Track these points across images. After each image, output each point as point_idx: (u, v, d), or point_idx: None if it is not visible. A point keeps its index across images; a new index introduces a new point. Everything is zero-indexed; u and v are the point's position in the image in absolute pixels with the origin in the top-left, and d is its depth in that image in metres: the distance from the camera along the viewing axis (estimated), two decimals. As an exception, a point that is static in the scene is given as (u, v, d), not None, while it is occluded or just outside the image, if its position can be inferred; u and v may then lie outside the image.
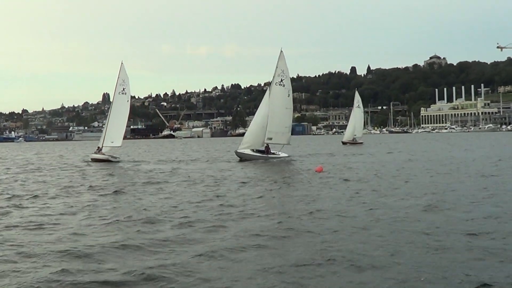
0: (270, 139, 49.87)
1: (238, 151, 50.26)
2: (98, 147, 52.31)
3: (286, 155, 50.63)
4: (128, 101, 52.93)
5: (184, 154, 70.69)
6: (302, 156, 55.14)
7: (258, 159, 47.90)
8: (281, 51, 52.06)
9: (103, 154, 50.45)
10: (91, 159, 52.67)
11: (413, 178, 28.06)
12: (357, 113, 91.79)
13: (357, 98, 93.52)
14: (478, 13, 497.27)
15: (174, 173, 35.48)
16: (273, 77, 51.57)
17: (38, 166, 49.00)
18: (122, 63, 53.09)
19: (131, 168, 42.66)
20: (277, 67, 51.62)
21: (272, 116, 49.85)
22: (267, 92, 52.19)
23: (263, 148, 49.70)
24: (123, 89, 51.98)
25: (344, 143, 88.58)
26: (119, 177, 33.85)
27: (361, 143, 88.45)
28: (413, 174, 30.49)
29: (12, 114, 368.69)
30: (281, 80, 51.08)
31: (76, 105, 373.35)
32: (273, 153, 49.68)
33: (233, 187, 25.50)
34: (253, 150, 49.43)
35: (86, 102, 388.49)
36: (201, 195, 22.62)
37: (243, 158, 48.76)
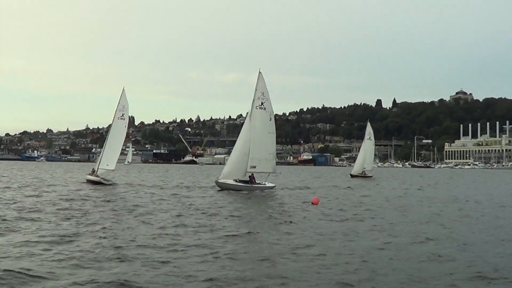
0: (254, 167, 46.42)
1: (218, 181, 46.20)
2: (93, 169, 53.23)
3: (273, 185, 47.58)
4: (125, 126, 54.18)
5: (194, 180, 69.60)
6: (299, 188, 52.32)
7: (241, 189, 43.62)
8: (260, 72, 48.41)
9: (97, 176, 50.95)
10: (86, 180, 53.57)
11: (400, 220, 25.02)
12: (368, 145, 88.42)
13: (369, 130, 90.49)
14: (506, 49, 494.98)
15: (153, 201, 33.56)
16: (253, 100, 47.34)
17: (25, 184, 50.20)
18: (123, 89, 54.59)
19: (115, 192, 41.88)
20: (256, 89, 47.79)
21: (254, 143, 46.24)
22: (247, 117, 47.94)
23: (246, 178, 45.53)
24: (122, 114, 53.28)
25: (352, 176, 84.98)
26: (89, 200, 32.90)
27: (371, 176, 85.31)
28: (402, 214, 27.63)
29: (36, 133, 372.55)
30: (262, 103, 47.21)
31: (100, 127, 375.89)
32: (259, 183, 45.93)
33: (190, 221, 22.73)
34: (236, 180, 45.12)
35: (110, 125, 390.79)
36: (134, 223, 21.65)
37: (224, 188, 44.70)
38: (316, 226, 21.62)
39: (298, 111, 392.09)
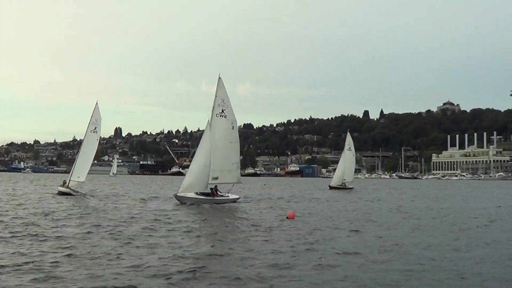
0: (216, 178, 43.89)
1: (178, 194, 42.83)
2: (64, 181, 54.21)
3: (237, 196, 45.67)
4: (97, 139, 54.94)
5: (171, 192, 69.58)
6: (268, 199, 50.79)
7: (202, 202, 41.35)
8: (219, 77, 45.34)
9: (67, 187, 51.79)
10: (58, 191, 53.69)
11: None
12: (348, 156, 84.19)
13: (348, 140, 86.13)
14: (493, 61, 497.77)
15: (108, 211, 34.27)
16: (213, 107, 44.58)
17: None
18: (97, 103, 55.03)
19: (76, 203, 42.00)
20: (216, 96, 44.96)
21: (215, 153, 43.60)
22: (207, 125, 44.60)
23: (208, 190, 43.15)
24: (95, 127, 53.79)
25: (331, 187, 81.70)
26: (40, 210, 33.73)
27: (351, 188, 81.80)
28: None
29: (24, 144, 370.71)
30: (222, 111, 44.62)
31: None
32: (221, 195, 43.80)
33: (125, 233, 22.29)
34: (197, 193, 42.38)
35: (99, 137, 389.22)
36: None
37: (183, 202, 41.67)
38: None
39: (285, 122, 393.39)
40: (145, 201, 45.98)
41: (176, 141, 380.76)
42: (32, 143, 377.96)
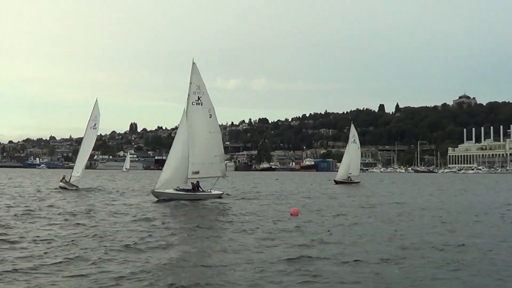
0: (197, 172, 40.85)
1: (155, 190, 39.76)
2: (63, 176, 55.96)
3: (220, 192, 43.02)
4: (96, 135, 56.63)
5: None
6: (263, 196, 46.94)
7: (182, 199, 38.47)
8: (194, 63, 41.79)
9: (66, 182, 53.40)
10: (59, 186, 55.12)
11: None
12: (352, 148, 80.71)
13: (353, 133, 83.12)
14: (509, 53, 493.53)
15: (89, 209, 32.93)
16: (188, 95, 41.53)
17: None
18: (96, 100, 55.60)
19: (67, 196, 43.79)
20: (191, 83, 41.65)
21: (194, 144, 40.74)
22: (183, 115, 41.01)
23: (188, 186, 40.66)
24: (95, 124, 54.68)
25: (337, 182, 78.78)
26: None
27: (358, 182, 79.40)
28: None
29: (39, 140, 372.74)
30: (198, 98, 41.51)
31: (103, 134, 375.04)
32: (203, 191, 41.00)
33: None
34: (176, 189, 39.62)
35: (113, 132, 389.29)
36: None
37: (161, 198, 38.74)
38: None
39: (300, 116, 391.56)
40: (122, 195, 46.33)
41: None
42: (48, 139, 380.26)
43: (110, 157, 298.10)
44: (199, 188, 40.88)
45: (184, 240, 19.36)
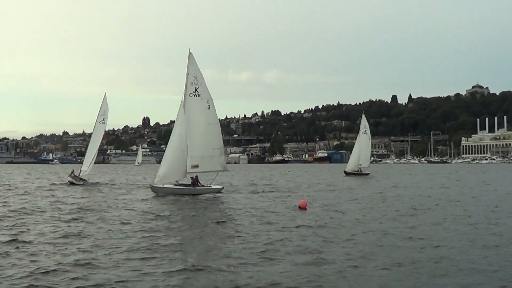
0: (196, 166, 39.78)
1: (154, 185, 38.78)
2: (72, 170, 55.81)
3: (220, 187, 41.34)
4: (104, 130, 56.81)
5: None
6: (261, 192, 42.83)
7: (181, 194, 37.45)
8: (190, 53, 40.60)
9: (74, 176, 53.47)
10: (68, 181, 55.06)
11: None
12: (363, 139, 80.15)
13: (364, 123, 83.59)
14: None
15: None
16: (185, 87, 40.29)
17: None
18: (105, 94, 55.87)
19: (70, 190, 44.57)
20: (188, 73, 40.42)
21: (192, 137, 39.41)
22: (180, 107, 39.69)
23: (187, 181, 39.51)
24: (103, 119, 55.09)
25: (347, 173, 78.09)
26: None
27: (368, 174, 78.75)
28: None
29: (53, 136, 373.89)
30: (196, 89, 40.26)
31: (116, 129, 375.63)
32: (202, 186, 39.82)
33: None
34: (176, 183, 38.65)
35: (126, 126, 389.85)
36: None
37: (160, 193, 37.83)
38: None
39: (313, 108, 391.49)
40: (122, 189, 46.32)
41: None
42: (61, 134, 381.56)
43: (123, 151, 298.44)
44: (199, 183, 39.80)
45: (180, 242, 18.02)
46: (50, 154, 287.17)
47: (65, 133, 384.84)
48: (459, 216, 25.10)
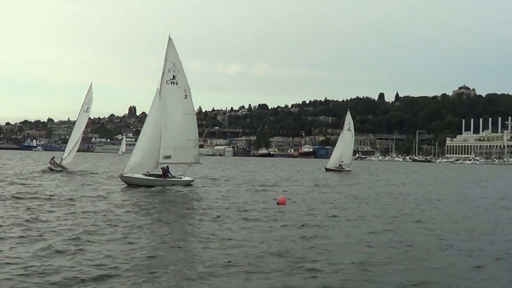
0: (168, 157, 38.37)
1: (124, 175, 37.08)
2: (52, 157, 56.95)
3: (191, 179, 39.96)
4: (87, 119, 57.64)
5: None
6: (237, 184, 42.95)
7: (152, 185, 35.67)
8: (170, 38, 38.66)
9: (53, 163, 54.51)
10: (47, 168, 55.62)
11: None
12: (347, 136, 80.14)
13: (348, 120, 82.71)
14: (509, 46, 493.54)
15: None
16: (162, 73, 38.60)
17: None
18: (91, 84, 56.29)
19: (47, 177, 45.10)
20: (166, 60, 38.65)
21: (167, 127, 37.85)
22: (156, 94, 38.10)
23: (158, 171, 37.79)
24: (87, 108, 55.45)
25: (327, 169, 77.32)
26: None
27: (349, 171, 77.22)
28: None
29: (37, 122, 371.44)
30: (173, 77, 38.62)
31: (102, 117, 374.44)
32: (173, 177, 38.23)
33: None
34: (146, 174, 36.91)
35: (112, 115, 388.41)
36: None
37: (130, 184, 36.36)
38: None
39: (300, 103, 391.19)
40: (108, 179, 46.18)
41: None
42: (46, 121, 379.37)
43: (108, 140, 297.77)
44: (169, 174, 38.33)
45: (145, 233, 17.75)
46: (34, 141, 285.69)
47: (50, 120, 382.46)
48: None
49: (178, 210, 24.93)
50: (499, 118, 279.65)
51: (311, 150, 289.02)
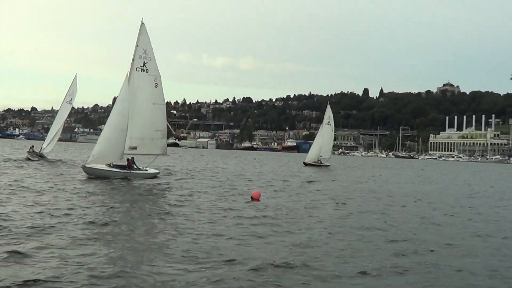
0: (134, 148, 36.58)
1: (86, 165, 35.10)
2: (31, 146, 57.93)
3: (157, 171, 38.47)
4: (69, 110, 57.24)
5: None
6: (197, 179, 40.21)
7: (115, 176, 34.10)
8: (142, 23, 37.13)
9: (31, 152, 54.91)
10: (26, 157, 55.32)
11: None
12: (326, 130, 78.52)
13: (328, 114, 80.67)
14: (494, 44, 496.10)
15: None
16: (132, 59, 36.65)
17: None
18: (75, 75, 56.23)
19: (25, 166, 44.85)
20: (137, 45, 36.94)
21: (135, 116, 35.89)
22: (125, 81, 36.03)
23: (122, 163, 36.55)
24: (71, 99, 55.30)
25: (306, 164, 76.28)
26: None
27: (328, 165, 76.41)
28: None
29: (21, 111, 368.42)
30: (144, 64, 36.78)
31: (85, 107, 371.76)
32: (138, 169, 36.77)
33: None
34: (109, 165, 35.22)
35: (96, 105, 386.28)
36: None
37: (93, 175, 34.40)
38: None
39: (284, 97, 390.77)
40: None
41: (175, 112, 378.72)
42: (29, 110, 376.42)
43: (91, 130, 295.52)
44: (135, 165, 36.81)
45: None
46: (17, 129, 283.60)
47: (33, 108, 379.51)
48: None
49: (140, 205, 22.76)
50: (483, 116, 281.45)
51: (295, 144, 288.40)
